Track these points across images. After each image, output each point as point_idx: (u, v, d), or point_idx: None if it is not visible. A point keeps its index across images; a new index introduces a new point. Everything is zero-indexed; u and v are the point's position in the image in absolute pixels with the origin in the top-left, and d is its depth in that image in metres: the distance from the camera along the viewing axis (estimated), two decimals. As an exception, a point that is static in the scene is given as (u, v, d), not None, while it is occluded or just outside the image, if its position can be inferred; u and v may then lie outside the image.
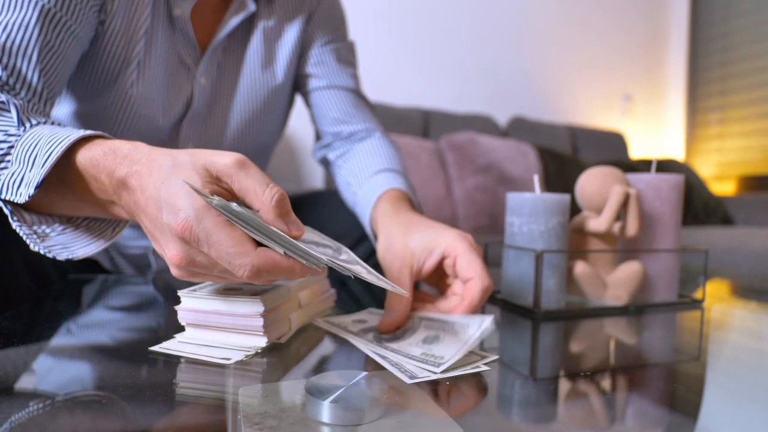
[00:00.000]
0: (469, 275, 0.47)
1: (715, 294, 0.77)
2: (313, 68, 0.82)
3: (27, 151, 0.44)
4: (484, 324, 0.42)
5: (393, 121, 2.13)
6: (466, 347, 0.38)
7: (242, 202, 0.36)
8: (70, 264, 0.74)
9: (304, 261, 0.34)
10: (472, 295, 0.46)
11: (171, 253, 0.35)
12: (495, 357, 0.39)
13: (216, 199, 0.34)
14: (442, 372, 0.35)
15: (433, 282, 0.54)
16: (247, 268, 0.33)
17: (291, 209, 0.37)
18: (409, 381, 0.33)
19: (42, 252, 0.45)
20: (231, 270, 0.34)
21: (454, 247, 0.49)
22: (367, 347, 0.41)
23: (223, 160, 0.36)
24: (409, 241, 0.51)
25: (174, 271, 0.37)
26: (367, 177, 0.74)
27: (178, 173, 0.35)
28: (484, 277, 0.47)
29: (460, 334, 0.41)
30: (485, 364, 0.38)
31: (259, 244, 0.34)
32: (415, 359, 0.37)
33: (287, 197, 0.37)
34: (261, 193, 0.36)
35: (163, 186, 0.35)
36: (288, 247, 0.34)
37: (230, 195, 0.37)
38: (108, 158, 0.40)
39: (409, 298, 0.46)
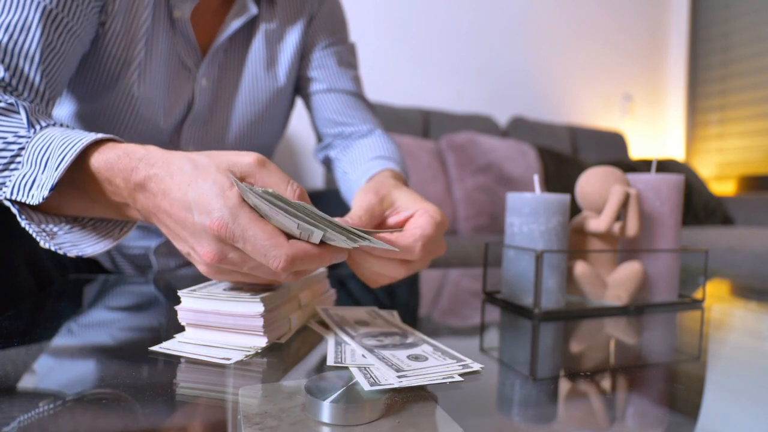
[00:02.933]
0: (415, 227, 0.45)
1: (715, 294, 0.77)
2: (314, 72, 0.82)
3: (38, 153, 0.44)
4: (466, 369, 0.36)
5: (393, 121, 2.13)
6: (435, 375, 0.34)
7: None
8: (71, 264, 0.74)
9: (336, 234, 0.36)
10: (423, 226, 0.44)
11: (204, 250, 0.37)
12: (478, 367, 0.36)
13: (257, 189, 0.36)
14: (405, 382, 0.32)
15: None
16: (282, 258, 0.35)
17: (310, 202, 0.39)
18: (368, 387, 0.31)
19: (53, 249, 0.45)
20: (266, 262, 0.35)
21: (431, 214, 0.46)
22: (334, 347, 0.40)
23: (245, 159, 0.38)
24: (392, 191, 0.50)
25: (203, 269, 0.39)
26: (362, 163, 0.75)
27: (203, 176, 0.37)
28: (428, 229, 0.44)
29: (441, 363, 0.37)
30: (461, 375, 0.35)
31: (290, 238, 0.36)
32: (386, 362, 0.35)
33: (306, 192, 0.39)
34: (284, 189, 0.38)
35: (190, 189, 0.37)
36: (323, 223, 0.36)
37: None
38: (123, 161, 0.41)
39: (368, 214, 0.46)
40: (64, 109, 0.71)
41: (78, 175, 0.44)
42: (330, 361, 0.37)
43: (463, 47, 2.53)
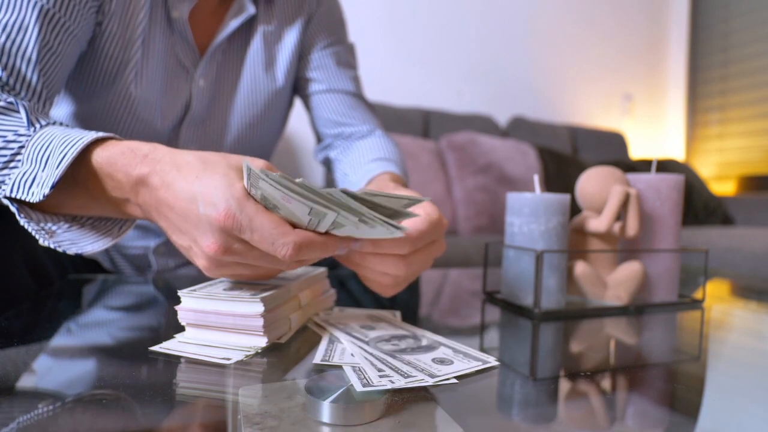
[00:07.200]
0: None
1: (715, 294, 0.77)
2: (313, 72, 0.81)
3: (39, 151, 0.45)
4: (472, 364, 0.37)
5: (393, 121, 2.13)
6: (437, 377, 0.34)
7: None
8: (71, 264, 0.74)
9: (355, 218, 0.36)
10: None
11: (208, 242, 0.37)
12: (484, 364, 0.37)
13: (273, 173, 0.35)
14: (401, 384, 0.32)
15: None
16: (290, 246, 0.36)
17: None
18: (360, 388, 0.30)
19: (52, 246, 0.46)
20: (272, 251, 0.36)
21: (427, 212, 0.45)
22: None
23: (255, 163, 0.39)
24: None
25: (202, 263, 0.39)
26: (362, 165, 0.75)
27: (212, 169, 0.38)
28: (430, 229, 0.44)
29: (468, 365, 0.37)
30: (457, 377, 0.34)
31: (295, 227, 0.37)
32: (414, 366, 0.35)
33: None
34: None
35: (197, 180, 0.38)
36: (335, 205, 0.35)
37: None
38: (126, 157, 0.42)
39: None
40: (61, 109, 0.71)
41: (79, 171, 0.44)
42: (317, 359, 0.37)
43: (464, 47, 2.53)
